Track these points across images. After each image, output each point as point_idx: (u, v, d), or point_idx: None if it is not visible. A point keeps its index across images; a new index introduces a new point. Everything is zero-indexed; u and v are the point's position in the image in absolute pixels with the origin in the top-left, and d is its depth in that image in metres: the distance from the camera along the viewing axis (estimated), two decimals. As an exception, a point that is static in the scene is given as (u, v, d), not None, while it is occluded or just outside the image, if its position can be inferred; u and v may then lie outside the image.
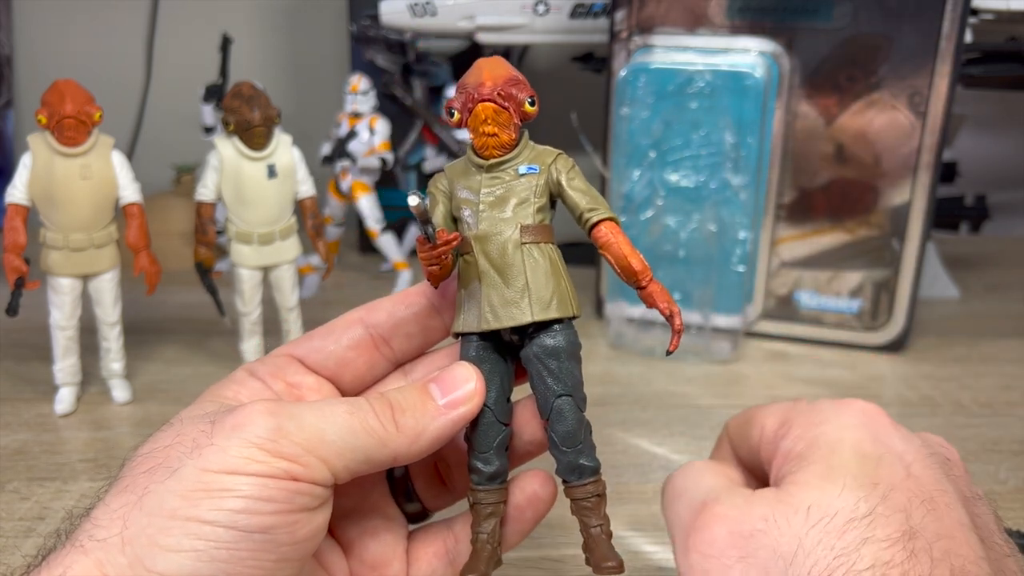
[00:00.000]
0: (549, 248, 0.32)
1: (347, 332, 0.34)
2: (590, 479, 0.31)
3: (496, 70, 0.31)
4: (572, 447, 0.31)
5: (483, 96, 0.31)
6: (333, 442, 0.28)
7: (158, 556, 0.25)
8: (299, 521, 0.27)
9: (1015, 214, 0.92)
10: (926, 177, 0.61)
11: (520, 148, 0.32)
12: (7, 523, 0.44)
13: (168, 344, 0.66)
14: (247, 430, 0.27)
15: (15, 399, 0.57)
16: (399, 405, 0.30)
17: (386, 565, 0.34)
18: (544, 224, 0.32)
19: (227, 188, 0.55)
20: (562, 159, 0.32)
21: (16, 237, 0.51)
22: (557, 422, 0.31)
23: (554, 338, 0.31)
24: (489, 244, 0.31)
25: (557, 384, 0.31)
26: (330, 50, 0.97)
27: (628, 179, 0.64)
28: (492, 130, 0.31)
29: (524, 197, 0.31)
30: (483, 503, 0.32)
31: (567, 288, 0.31)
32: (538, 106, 0.32)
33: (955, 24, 0.57)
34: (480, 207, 0.31)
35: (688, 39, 0.63)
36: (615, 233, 0.31)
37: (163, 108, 0.98)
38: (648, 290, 0.31)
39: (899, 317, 0.65)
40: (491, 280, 0.31)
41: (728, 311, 0.65)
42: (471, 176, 0.32)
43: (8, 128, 0.96)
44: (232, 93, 0.55)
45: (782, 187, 0.65)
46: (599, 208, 0.31)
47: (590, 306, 0.73)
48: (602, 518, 0.31)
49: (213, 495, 0.26)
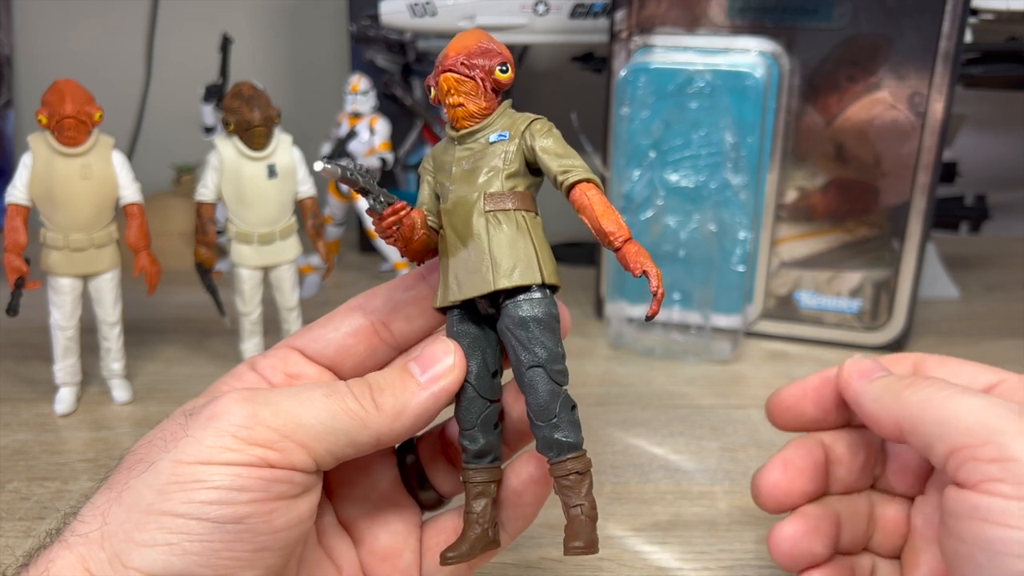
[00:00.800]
0: (520, 215, 0.30)
1: (346, 319, 0.34)
2: (569, 455, 0.30)
3: (464, 41, 0.31)
4: (546, 421, 0.30)
5: (446, 67, 0.31)
6: (311, 426, 0.28)
7: (133, 551, 0.25)
8: (277, 510, 0.27)
9: (1015, 214, 0.92)
10: (926, 177, 0.61)
11: (495, 117, 0.31)
12: (7, 523, 0.44)
13: (168, 344, 0.66)
14: (222, 419, 0.27)
15: (15, 399, 0.57)
16: (378, 385, 0.30)
17: (398, 555, 0.33)
18: (516, 191, 0.31)
19: (227, 188, 0.55)
20: (538, 123, 0.31)
21: (16, 237, 0.51)
22: (529, 395, 0.30)
23: (523, 308, 0.30)
24: (455, 215, 0.31)
25: (527, 355, 0.30)
26: (330, 50, 0.97)
27: (628, 179, 0.64)
28: (457, 100, 0.31)
29: (493, 165, 0.31)
30: (472, 481, 0.31)
31: (537, 254, 0.30)
32: (512, 72, 0.31)
33: (955, 24, 0.57)
34: (452, 179, 0.31)
35: (688, 39, 0.63)
36: (591, 194, 0.30)
37: (163, 108, 0.98)
38: (622, 251, 0.30)
39: (899, 317, 0.65)
40: (456, 250, 0.31)
41: (728, 311, 0.65)
42: (448, 151, 0.32)
43: (8, 128, 0.96)
44: (232, 93, 0.55)
45: (782, 187, 0.65)
46: (574, 170, 0.30)
47: (590, 306, 0.73)
48: (583, 498, 0.30)
49: (186, 487, 0.26)
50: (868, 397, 0.32)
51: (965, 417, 0.28)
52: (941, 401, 0.29)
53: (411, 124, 0.82)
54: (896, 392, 0.31)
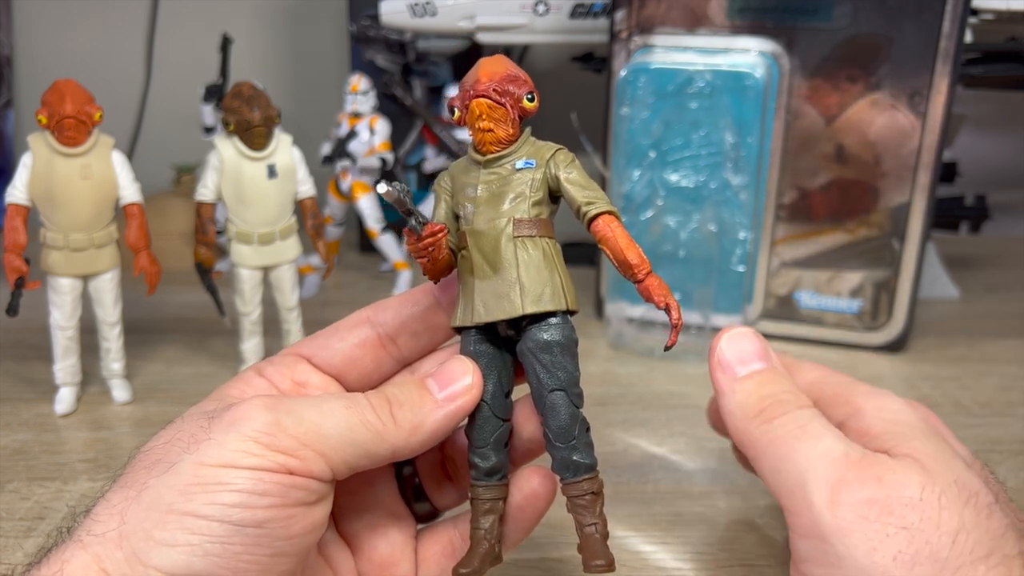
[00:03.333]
0: (544, 242, 0.31)
1: (354, 331, 0.34)
2: (585, 476, 0.31)
3: (493, 67, 0.32)
4: (565, 443, 0.31)
5: (478, 92, 0.31)
6: (331, 436, 0.28)
7: (153, 550, 0.25)
8: (294, 516, 0.27)
9: (1015, 214, 0.92)
10: (926, 177, 0.61)
11: (520, 144, 0.32)
12: (7, 523, 0.44)
13: (168, 344, 0.66)
14: (244, 424, 0.27)
15: (15, 399, 0.57)
16: (396, 399, 0.30)
17: (395, 565, 0.34)
18: (541, 218, 0.32)
19: (227, 188, 0.55)
20: (561, 153, 0.32)
21: (16, 237, 0.51)
22: (550, 417, 0.31)
23: (547, 332, 0.31)
24: (482, 238, 0.31)
25: (550, 379, 0.31)
26: (330, 50, 0.97)
27: (628, 179, 0.64)
28: (487, 125, 0.31)
29: (520, 191, 0.31)
30: (481, 498, 0.32)
31: (561, 282, 0.31)
32: (538, 102, 0.32)
33: (955, 24, 0.57)
34: (477, 202, 0.32)
35: (688, 39, 0.63)
36: (613, 227, 0.31)
37: (163, 108, 0.98)
38: (645, 283, 0.31)
39: (899, 317, 0.65)
40: (483, 273, 0.31)
41: (728, 311, 0.65)
42: (471, 172, 0.32)
43: (8, 128, 0.96)
44: (232, 93, 0.55)
45: (782, 187, 0.65)
46: (597, 202, 0.31)
47: (590, 306, 0.73)
48: (597, 517, 0.31)
49: (208, 489, 0.26)
50: (726, 411, 0.34)
51: (790, 476, 0.29)
52: (778, 446, 0.30)
53: (411, 124, 0.81)
54: (746, 418, 0.32)
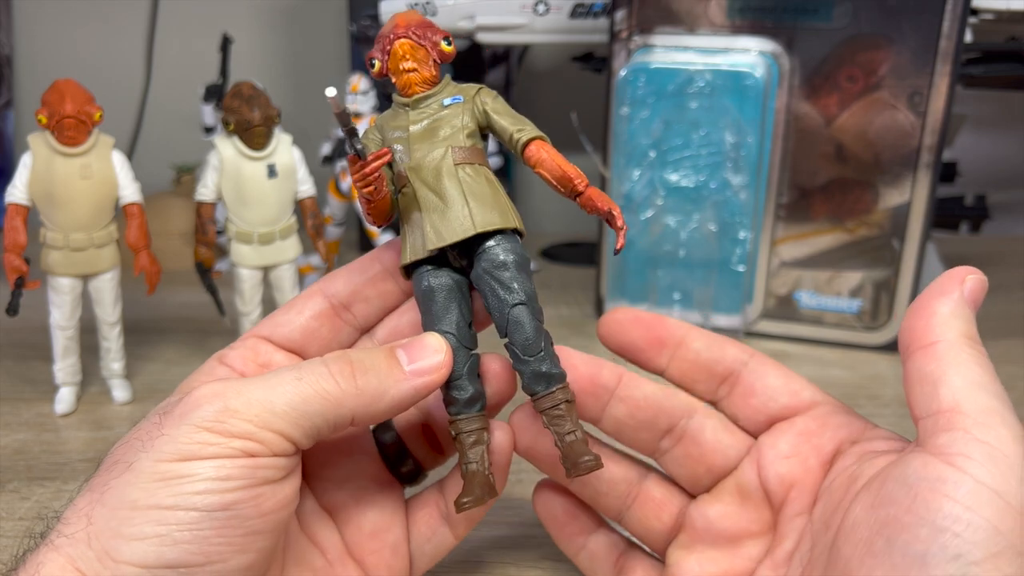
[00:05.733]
0: (484, 169, 0.32)
1: (308, 303, 0.34)
2: (558, 386, 0.31)
3: (408, 17, 0.33)
4: (533, 355, 0.31)
5: (398, 35, 0.32)
6: (283, 412, 0.28)
7: (123, 546, 0.25)
8: (263, 494, 0.27)
9: (1015, 214, 0.92)
10: (926, 177, 0.61)
11: (443, 85, 0.33)
12: (7, 523, 0.44)
13: (168, 344, 0.66)
14: (194, 415, 0.27)
15: (15, 399, 0.57)
16: (361, 364, 0.30)
17: (386, 531, 0.34)
18: (476, 147, 0.33)
19: (227, 188, 0.55)
20: (485, 90, 0.33)
21: (16, 237, 0.51)
22: (515, 332, 0.31)
23: (501, 251, 0.31)
24: (423, 171, 0.32)
25: (509, 295, 0.31)
26: (330, 50, 0.97)
27: (628, 179, 0.64)
28: (412, 66, 0.33)
29: (453, 124, 0.32)
30: (465, 431, 0.32)
31: (507, 203, 0.32)
32: (455, 48, 0.33)
33: (955, 24, 0.57)
34: (411, 140, 0.32)
35: (688, 39, 0.63)
36: (546, 149, 0.32)
37: (163, 108, 0.98)
38: (587, 194, 0.32)
39: (899, 317, 0.65)
40: (430, 204, 0.32)
41: (728, 311, 0.65)
42: (399, 118, 0.33)
43: (8, 128, 0.96)
44: (232, 93, 0.55)
45: (782, 187, 0.65)
46: (526, 128, 0.32)
47: (590, 306, 0.73)
48: (575, 424, 0.31)
49: (170, 483, 0.26)
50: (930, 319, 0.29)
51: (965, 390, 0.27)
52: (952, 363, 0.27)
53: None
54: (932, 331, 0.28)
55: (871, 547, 0.26)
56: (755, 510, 0.33)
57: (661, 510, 0.34)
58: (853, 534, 0.27)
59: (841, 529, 0.28)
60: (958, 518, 0.24)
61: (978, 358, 0.27)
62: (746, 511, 0.33)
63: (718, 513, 0.33)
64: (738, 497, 0.33)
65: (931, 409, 0.27)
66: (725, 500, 0.33)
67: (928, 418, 0.27)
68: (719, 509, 0.33)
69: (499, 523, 0.44)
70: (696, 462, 0.34)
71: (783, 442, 0.33)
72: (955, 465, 0.25)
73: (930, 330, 0.28)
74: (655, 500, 0.35)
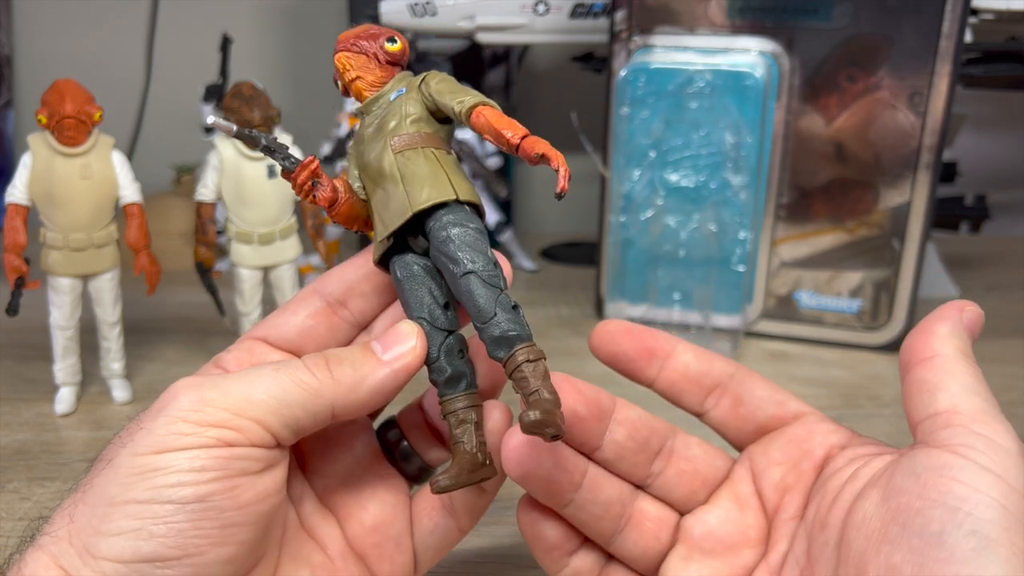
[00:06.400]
0: (429, 151, 0.32)
1: (304, 303, 0.34)
2: (519, 346, 0.29)
3: (347, 32, 0.35)
4: (486, 321, 0.29)
5: (336, 51, 0.34)
6: (263, 401, 0.28)
7: (101, 543, 0.26)
8: (239, 486, 0.27)
9: (1015, 214, 0.92)
10: (926, 177, 0.61)
11: (393, 82, 0.34)
12: (7, 523, 0.44)
13: (168, 344, 0.66)
14: (170, 407, 0.27)
15: (15, 399, 0.57)
16: (336, 357, 0.30)
17: (388, 525, 0.34)
18: (422, 132, 0.32)
19: (227, 188, 0.55)
20: (431, 74, 0.33)
21: (16, 237, 0.51)
22: (467, 302, 0.30)
23: (443, 225, 0.31)
24: (371, 168, 0.32)
25: (456, 266, 0.30)
26: (330, 50, 0.96)
27: (628, 179, 0.64)
28: (355, 75, 0.34)
29: (396, 116, 0.32)
30: (452, 410, 0.31)
31: (448, 177, 0.31)
32: (403, 44, 0.34)
33: (955, 24, 0.57)
34: (365, 142, 0.33)
35: (688, 39, 0.63)
36: (486, 113, 0.31)
37: (163, 108, 0.98)
38: (522, 146, 0.30)
39: (899, 317, 0.65)
40: (378, 197, 0.32)
41: (728, 311, 0.65)
42: (362, 127, 0.34)
43: (8, 128, 0.96)
44: (232, 93, 0.55)
45: (782, 187, 0.65)
46: (467, 98, 0.32)
47: (590, 306, 0.73)
48: (541, 383, 0.28)
49: (146, 476, 0.26)
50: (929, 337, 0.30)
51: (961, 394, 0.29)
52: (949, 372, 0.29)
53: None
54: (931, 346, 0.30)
55: (886, 535, 0.27)
56: (753, 516, 0.33)
57: (659, 528, 0.34)
58: (864, 527, 0.27)
59: (849, 525, 0.28)
60: (967, 498, 0.25)
61: (973, 370, 0.29)
62: (744, 517, 0.33)
63: (719, 519, 0.33)
64: (736, 504, 0.33)
65: (929, 412, 0.28)
66: (724, 507, 0.34)
67: (927, 420, 0.28)
68: (719, 515, 0.33)
69: (500, 523, 0.44)
70: (691, 477, 0.34)
71: (774, 449, 0.34)
72: (958, 453, 0.26)
73: (929, 346, 0.30)
74: (652, 518, 0.34)
